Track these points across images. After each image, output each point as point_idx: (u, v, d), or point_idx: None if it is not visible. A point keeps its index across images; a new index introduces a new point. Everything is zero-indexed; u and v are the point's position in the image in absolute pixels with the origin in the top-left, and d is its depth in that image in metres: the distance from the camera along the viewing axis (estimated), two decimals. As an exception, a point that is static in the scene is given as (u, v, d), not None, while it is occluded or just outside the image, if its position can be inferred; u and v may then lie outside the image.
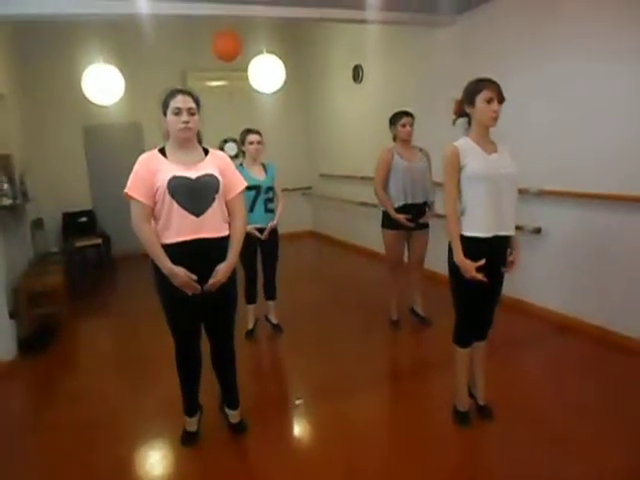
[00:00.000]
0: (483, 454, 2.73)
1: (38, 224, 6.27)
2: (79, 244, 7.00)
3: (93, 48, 5.80)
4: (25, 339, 4.41)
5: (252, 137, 4.14)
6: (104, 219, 7.73)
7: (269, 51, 5.71)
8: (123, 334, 4.88)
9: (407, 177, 4.04)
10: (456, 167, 2.59)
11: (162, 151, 2.58)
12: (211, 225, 2.55)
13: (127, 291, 6.40)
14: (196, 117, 2.54)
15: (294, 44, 8.49)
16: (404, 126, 4.05)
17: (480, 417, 2.88)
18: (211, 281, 2.57)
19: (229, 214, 2.67)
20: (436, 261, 3.93)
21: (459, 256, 2.58)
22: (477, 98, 2.55)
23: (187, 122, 2.49)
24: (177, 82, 7.90)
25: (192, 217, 2.49)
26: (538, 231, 4.27)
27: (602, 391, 3.16)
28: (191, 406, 2.87)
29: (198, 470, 2.65)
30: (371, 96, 6.87)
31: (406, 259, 4.42)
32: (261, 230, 4.12)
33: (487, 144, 2.64)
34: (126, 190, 2.47)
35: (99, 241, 7.19)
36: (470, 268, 2.56)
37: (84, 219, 7.60)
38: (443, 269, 2.82)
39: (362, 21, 5.15)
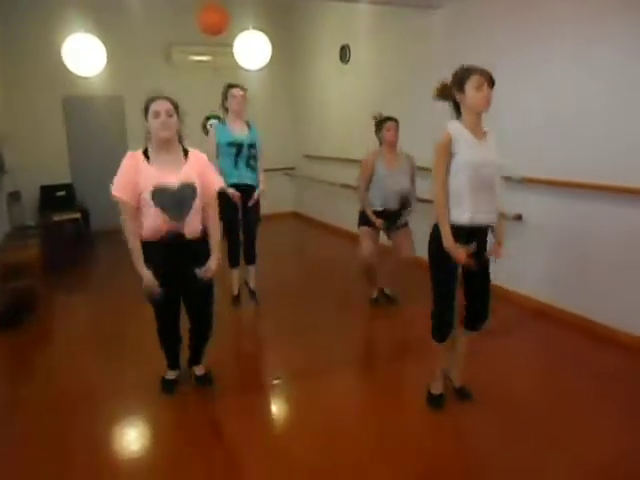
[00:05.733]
0: (456, 439, 2.74)
1: (15, 197, 6.15)
2: (57, 218, 6.85)
3: (74, 17, 5.64)
4: (0, 313, 4.33)
5: (235, 91, 4.08)
6: (83, 193, 7.57)
7: (255, 28, 5.61)
8: (101, 309, 4.82)
9: (385, 186, 4.18)
10: (447, 155, 2.55)
11: (145, 153, 2.73)
12: (189, 225, 2.76)
13: (106, 266, 6.33)
14: (174, 118, 2.71)
15: (281, 22, 8.34)
16: (389, 130, 4.15)
17: (458, 399, 2.91)
18: (207, 273, 2.83)
19: (205, 210, 2.85)
20: (418, 246, 3.95)
21: (449, 242, 2.54)
22: (466, 84, 2.51)
23: (165, 122, 2.65)
24: (161, 56, 7.77)
25: (173, 220, 2.71)
26: (519, 218, 4.31)
27: (580, 379, 3.20)
28: (172, 362, 3.12)
29: (174, 449, 2.65)
30: (358, 77, 6.80)
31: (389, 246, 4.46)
32: (242, 187, 4.04)
33: (478, 130, 2.60)
34: (113, 192, 2.65)
35: (78, 215, 7.05)
36: (460, 254, 2.54)
37: (62, 193, 7.43)
38: (424, 253, 2.81)
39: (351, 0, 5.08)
